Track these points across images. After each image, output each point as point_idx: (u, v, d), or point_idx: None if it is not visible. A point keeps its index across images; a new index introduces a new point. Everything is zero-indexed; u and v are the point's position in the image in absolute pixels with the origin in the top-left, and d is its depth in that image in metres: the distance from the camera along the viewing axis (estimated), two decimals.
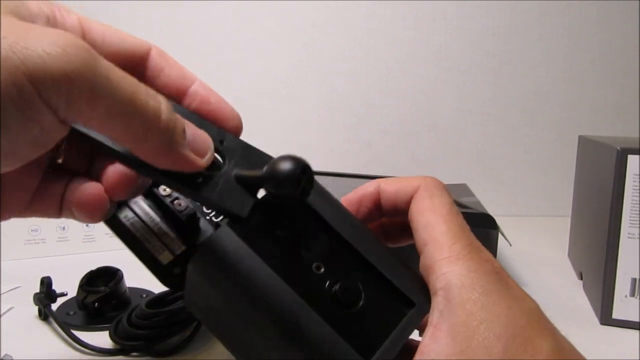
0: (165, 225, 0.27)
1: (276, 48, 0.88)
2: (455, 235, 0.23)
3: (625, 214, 0.45)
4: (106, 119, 0.18)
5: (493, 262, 0.23)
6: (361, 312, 0.23)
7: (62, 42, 0.17)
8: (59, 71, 0.17)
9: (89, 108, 0.18)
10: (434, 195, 0.25)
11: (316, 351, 0.21)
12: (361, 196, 0.27)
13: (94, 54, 0.18)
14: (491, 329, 0.20)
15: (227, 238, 0.22)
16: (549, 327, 0.22)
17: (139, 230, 0.27)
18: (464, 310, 0.21)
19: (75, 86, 0.17)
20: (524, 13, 0.90)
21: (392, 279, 0.23)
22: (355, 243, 0.24)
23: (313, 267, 0.23)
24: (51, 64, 0.17)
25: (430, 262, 0.23)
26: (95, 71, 0.18)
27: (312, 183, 0.22)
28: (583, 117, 0.93)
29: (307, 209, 0.24)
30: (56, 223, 0.63)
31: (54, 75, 0.17)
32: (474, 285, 0.21)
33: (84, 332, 0.42)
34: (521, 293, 0.23)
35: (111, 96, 0.18)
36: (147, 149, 0.20)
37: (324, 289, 0.22)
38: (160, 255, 0.27)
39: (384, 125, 0.92)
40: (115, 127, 0.19)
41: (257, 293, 0.21)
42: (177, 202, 0.27)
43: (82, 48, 0.17)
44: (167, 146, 0.20)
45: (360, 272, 0.24)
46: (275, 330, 0.21)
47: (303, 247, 0.23)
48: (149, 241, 0.27)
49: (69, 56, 0.17)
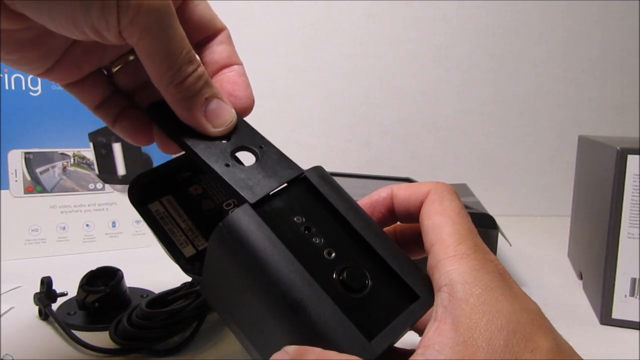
0: (192, 222, 0.30)
1: (276, 48, 0.88)
2: (462, 236, 0.24)
3: (625, 214, 0.45)
4: (150, 54, 0.24)
5: (497, 263, 0.24)
6: (367, 298, 0.23)
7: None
8: (143, 4, 0.22)
9: (146, 40, 0.24)
10: (444, 199, 0.25)
11: (323, 327, 0.21)
12: (375, 201, 0.28)
13: (172, 14, 0.24)
14: (493, 321, 0.21)
15: (248, 215, 0.23)
16: (549, 326, 0.22)
17: (167, 224, 0.30)
18: (468, 304, 0.21)
19: (146, 18, 0.23)
20: (524, 13, 0.90)
21: (398, 271, 0.24)
22: (366, 236, 0.25)
23: (325, 253, 0.24)
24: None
25: (435, 261, 0.24)
26: (165, 20, 0.24)
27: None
28: (583, 117, 0.93)
29: (323, 201, 0.26)
30: (56, 223, 0.63)
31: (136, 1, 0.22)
32: (477, 282, 0.22)
33: (84, 332, 0.42)
34: (523, 294, 0.23)
35: (164, 41, 0.24)
36: (169, 95, 0.25)
37: (333, 273, 0.24)
38: (184, 248, 0.29)
39: (383, 125, 0.92)
40: (153, 63, 0.25)
41: (268, 266, 0.22)
42: (205, 202, 0.30)
43: (168, 8, 0.24)
44: (184, 102, 0.26)
45: (370, 262, 0.25)
46: (284, 304, 0.22)
47: (316, 234, 0.25)
48: (174, 234, 0.30)
49: (153, 4, 0.23)
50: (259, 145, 0.27)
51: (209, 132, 0.26)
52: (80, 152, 0.64)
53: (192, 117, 0.26)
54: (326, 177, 0.27)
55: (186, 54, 0.25)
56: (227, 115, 0.27)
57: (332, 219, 0.25)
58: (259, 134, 0.28)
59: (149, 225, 0.29)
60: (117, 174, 0.65)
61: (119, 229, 0.65)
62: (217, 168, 0.25)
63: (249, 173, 0.25)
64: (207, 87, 0.26)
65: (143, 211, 0.29)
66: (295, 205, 0.25)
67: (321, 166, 0.27)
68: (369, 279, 0.24)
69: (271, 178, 0.25)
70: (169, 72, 0.25)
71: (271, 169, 0.26)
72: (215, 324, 0.44)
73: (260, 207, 0.24)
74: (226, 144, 0.27)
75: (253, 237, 0.23)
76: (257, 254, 0.22)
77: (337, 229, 0.25)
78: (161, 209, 0.30)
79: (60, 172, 0.63)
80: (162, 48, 0.24)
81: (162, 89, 0.26)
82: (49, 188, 0.62)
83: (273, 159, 0.26)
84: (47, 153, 0.62)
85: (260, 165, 0.26)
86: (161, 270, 0.29)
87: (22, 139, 0.61)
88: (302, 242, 0.24)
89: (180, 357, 0.40)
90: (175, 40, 0.24)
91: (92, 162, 0.64)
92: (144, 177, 0.30)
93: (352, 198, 0.27)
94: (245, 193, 0.24)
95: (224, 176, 0.25)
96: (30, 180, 0.61)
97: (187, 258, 0.29)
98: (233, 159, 0.26)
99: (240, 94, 0.29)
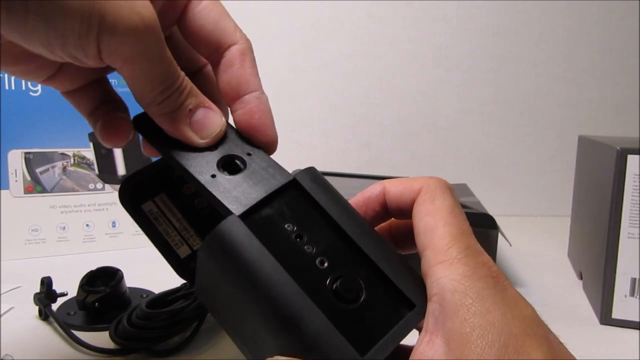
0: (186, 221, 0.29)
1: (276, 48, 0.88)
2: (454, 238, 0.23)
3: (625, 214, 0.45)
4: (133, 78, 0.23)
5: (490, 266, 0.22)
6: (361, 308, 0.23)
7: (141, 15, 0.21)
8: (124, 31, 0.21)
9: (129, 66, 0.23)
10: (435, 197, 0.24)
11: (312, 341, 0.21)
12: (368, 198, 0.27)
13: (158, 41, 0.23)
14: (484, 336, 0.20)
15: (235, 226, 0.23)
16: (544, 334, 0.21)
17: (161, 224, 0.29)
18: (458, 317, 0.21)
19: (130, 47, 0.22)
20: (524, 13, 0.90)
21: (394, 279, 0.24)
22: (359, 242, 0.24)
23: (317, 262, 0.23)
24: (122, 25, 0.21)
25: (427, 267, 0.23)
26: (150, 48, 0.22)
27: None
28: (583, 117, 0.93)
29: (315, 205, 0.25)
30: (56, 223, 0.63)
31: (118, 31, 0.21)
32: (467, 291, 0.21)
33: (84, 332, 0.42)
34: (517, 298, 0.22)
35: (148, 69, 0.23)
36: (152, 112, 0.25)
37: (326, 283, 0.23)
38: (179, 249, 0.28)
39: (383, 125, 0.92)
40: (135, 85, 0.24)
41: (258, 280, 0.22)
42: (199, 200, 0.29)
43: (153, 28, 0.22)
44: (167, 116, 0.25)
45: (364, 270, 0.24)
46: (274, 319, 0.21)
47: (308, 242, 0.24)
48: (169, 235, 0.29)
49: (138, 29, 0.21)
50: (247, 152, 0.26)
51: (196, 144, 0.26)
52: (80, 152, 0.64)
53: (177, 131, 0.25)
54: (318, 179, 0.26)
55: (171, 77, 0.24)
56: (214, 124, 0.26)
57: (325, 224, 0.25)
58: (246, 140, 0.27)
59: (142, 228, 0.29)
60: (117, 174, 0.65)
61: (119, 229, 0.65)
62: (202, 179, 0.24)
63: (235, 183, 0.25)
64: (191, 97, 0.25)
65: (136, 214, 0.29)
66: (285, 212, 0.24)
67: (314, 167, 0.27)
68: (363, 288, 0.23)
69: (258, 187, 0.25)
70: (151, 94, 0.24)
71: (259, 177, 0.25)
72: (215, 324, 0.43)
73: (250, 216, 0.24)
74: (212, 153, 0.26)
75: (241, 250, 0.22)
76: (246, 268, 0.22)
77: (329, 235, 0.24)
78: (154, 209, 0.29)
79: (60, 172, 0.63)
80: (146, 75, 0.23)
81: (144, 106, 0.25)
82: (49, 188, 0.62)
83: (261, 166, 0.26)
84: (47, 153, 0.62)
85: (247, 174, 0.25)
86: (161, 270, 0.29)
87: (22, 139, 0.61)
88: (293, 251, 0.23)
89: (180, 358, 0.40)
90: (161, 67, 0.23)
91: (92, 162, 0.64)
92: (135, 177, 0.30)
93: (345, 200, 0.26)
94: (230, 204, 0.24)
95: (209, 187, 0.24)
96: (30, 180, 0.61)
97: (183, 259, 0.28)
98: (219, 169, 0.25)
99: (259, 129, 0.27)
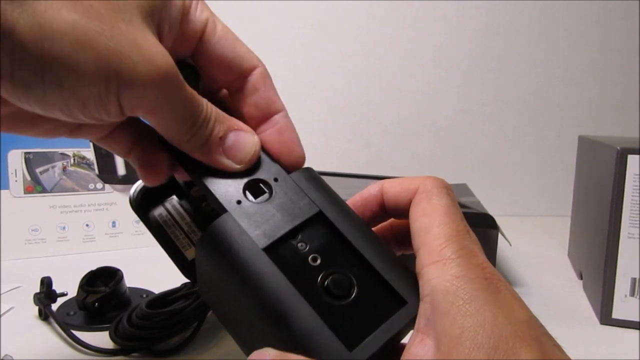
0: (195, 224, 0.30)
1: (276, 48, 0.88)
2: (448, 238, 0.23)
3: (625, 214, 0.45)
4: (158, 124, 0.23)
5: (484, 267, 0.22)
6: (352, 305, 0.23)
7: (156, 65, 0.21)
8: (142, 84, 0.21)
9: (152, 115, 0.23)
10: (432, 197, 0.24)
11: (301, 336, 0.21)
12: (366, 198, 0.27)
13: (176, 85, 0.22)
14: (473, 338, 0.20)
15: (229, 224, 0.23)
16: (535, 337, 0.21)
17: (170, 227, 0.30)
18: (448, 318, 0.21)
19: (152, 100, 0.22)
20: (524, 13, 0.90)
21: (386, 276, 0.24)
22: (353, 240, 0.24)
23: (309, 259, 0.24)
24: (139, 79, 0.21)
25: (420, 267, 0.23)
26: (171, 95, 0.22)
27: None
28: (583, 117, 0.93)
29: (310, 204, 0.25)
30: (56, 223, 0.63)
31: (136, 86, 0.21)
32: (458, 292, 0.21)
33: (84, 332, 0.42)
34: (511, 300, 0.22)
35: (171, 114, 0.23)
36: (183, 148, 0.25)
37: (317, 280, 0.23)
38: (186, 251, 0.29)
39: (383, 125, 0.92)
40: (161, 129, 0.24)
41: (249, 276, 0.22)
42: (207, 204, 0.29)
43: (169, 75, 0.22)
44: (199, 149, 0.25)
45: (356, 267, 0.24)
46: (264, 314, 0.22)
47: (302, 240, 0.24)
48: (177, 237, 0.29)
49: (155, 80, 0.21)
50: (274, 177, 0.26)
51: (232, 170, 0.25)
52: (80, 152, 0.64)
53: (213, 161, 0.25)
54: (314, 178, 0.26)
55: (194, 113, 0.24)
56: (248, 146, 0.25)
57: (319, 222, 0.25)
58: (273, 160, 0.27)
59: (152, 232, 0.29)
60: (117, 174, 0.65)
61: (119, 229, 0.65)
62: (228, 206, 0.24)
63: (260, 212, 0.24)
64: (218, 124, 0.25)
65: (147, 219, 0.29)
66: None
67: (310, 168, 0.27)
68: (355, 285, 0.23)
69: (284, 218, 0.24)
70: (179, 135, 0.24)
71: (284, 207, 0.25)
72: (215, 324, 0.44)
73: (244, 213, 0.24)
74: (240, 176, 0.26)
75: (234, 246, 0.23)
76: (237, 263, 0.22)
77: (324, 233, 0.25)
78: (164, 213, 0.30)
79: (60, 172, 0.63)
80: (170, 119, 0.23)
81: (176, 145, 0.25)
82: (49, 188, 0.62)
83: (287, 196, 0.25)
84: (47, 153, 0.62)
85: (272, 202, 0.25)
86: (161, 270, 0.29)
87: (22, 139, 0.61)
88: (286, 248, 0.24)
89: (180, 358, 0.40)
90: (183, 107, 0.23)
91: (92, 162, 0.64)
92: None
93: (341, 199, 0.26)
94: (255, 235, 0.23)
95: (235, 216, 0.24)
96: (30, 180, 0.61)
97: (190, 261, 0.28)
98: (244, 194, 0.25)
99: (289, 147, 0.27)
